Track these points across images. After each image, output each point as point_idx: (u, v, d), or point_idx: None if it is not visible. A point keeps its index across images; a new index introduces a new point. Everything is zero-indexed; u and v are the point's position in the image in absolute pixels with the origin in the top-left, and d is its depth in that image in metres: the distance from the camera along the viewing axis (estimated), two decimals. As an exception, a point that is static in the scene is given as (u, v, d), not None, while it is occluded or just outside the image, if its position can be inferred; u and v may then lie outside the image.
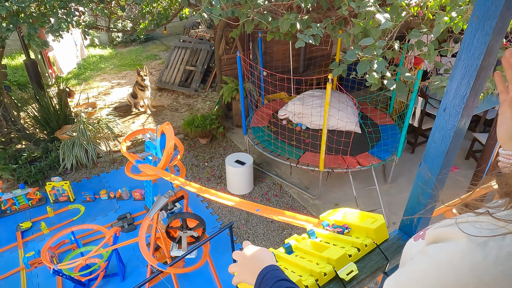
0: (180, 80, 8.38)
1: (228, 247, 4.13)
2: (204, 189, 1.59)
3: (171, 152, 2.11)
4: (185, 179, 1.89)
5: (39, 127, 6.15)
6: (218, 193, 1.46)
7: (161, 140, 2.26)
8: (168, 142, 2.10)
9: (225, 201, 1.38)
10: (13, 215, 4.67)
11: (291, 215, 1.17)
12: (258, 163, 5.62)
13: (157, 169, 2.14)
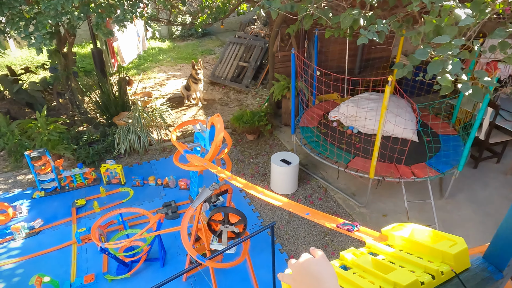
0: (232, 75, 8.46)
1: (267, 246, 4.06)
2: (251, 185, 1.53)
3: (219, 145, 2.08)
4: (231, 174, 1.85)
5: (100, 112, 6.54)
6: (265, 191, 1.39)
7: (210, 132, 2.24)
8: (218, 134, 2.07)
9: (272, 200, 1.31)
10: (70, 191, 5.01)
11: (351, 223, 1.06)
12: (303, 164, 5.49)
13: (204, 161, 2.12)
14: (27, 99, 6.74)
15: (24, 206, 4.65)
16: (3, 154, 5.86)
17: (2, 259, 3.95)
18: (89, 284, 3.63)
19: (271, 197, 1.35)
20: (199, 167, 2.29)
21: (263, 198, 1.39)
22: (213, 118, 2.14)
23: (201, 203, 2.52)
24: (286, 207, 1.25)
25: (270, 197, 1.36)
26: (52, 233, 4.29)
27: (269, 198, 1.35)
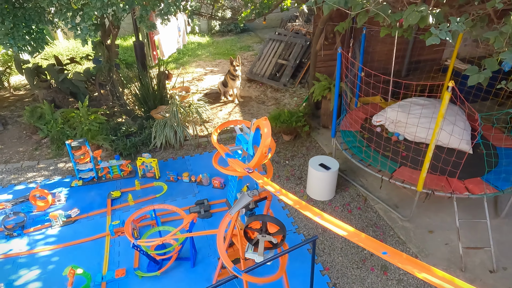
0: (270, 73, 8.27)
1: (300, 254, 3.85)
2: (304, 205, 1.34)
3: (265, 152, 1.91)
4: (279, 187, 1.67)
5: (138, 105, 6.60)
6: (324, 215, 1.19)
7: (254, 136, 2.07)
8: (264, 140, 1.90)
9: (332, 226, 1.10)
10: (107, 182, 5.06)
11: (448, 279, 0.83)
12: (342, 169, 5.20)
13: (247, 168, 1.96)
14: (71, 88, 6.94)
15: (63, 194, 4.74)
16: (47, 141, 6.05)
17: (40, 245, 4.03)
18: (120, 278, 3.61)
19: (332, 223, 1.15)
20: (240, 173, 2.14)
21: (320, 223, 1.19)
22: (260, 121, 1.97)
23: (239, 210, 2.37)
24: (352, 239, 1.05)
25: (331, 222, 1.16)
26: (87, 223, 4.34)
27: (329, 224, 1.15)
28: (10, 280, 3.60)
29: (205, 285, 3.55)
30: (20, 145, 6.05)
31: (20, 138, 6.23)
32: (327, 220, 1.18)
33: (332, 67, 6.28)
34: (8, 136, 6.30)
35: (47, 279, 3.63)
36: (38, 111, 6.11)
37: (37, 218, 4.40)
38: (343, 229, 1.10)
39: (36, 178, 5.20)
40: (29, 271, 3.72)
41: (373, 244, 0.98)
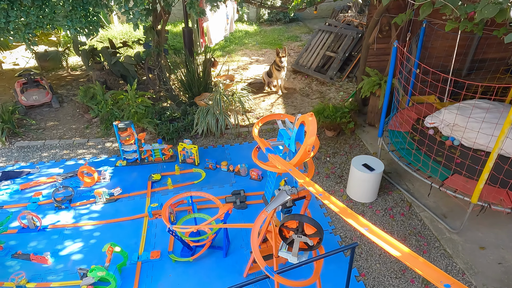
0: (317, 65, 8.01)
1: (340, 262, 3.70)
2: (350, 213, 1.21)
3: (309, 150, 1.79)
4: (323, 190, 1.55)
5: (183, 91, 6.70)
6: (371, 226, 1.06)
7: (298, 132, 1.96)
8: (309, 137, 1.78)
9: (382, 243, 0.96)
10: (148, 165, 5.21)
11: None
12: (387, 171, 4.92)
13: (289, 166, 1.85)
14: (122, 71, 7.20)
15: (108, 173, 4.95)
16: (97, 120, 6.35)
17: (84, 219, 4.25)
18: (155, 260, 3.70)
19: (382, 239, 1.01)
20: (280, 170, 2.04)
21: (367, 235, 1.06)
22: (305, 117, 1.85)
23: (275, 208, 2.28)
24: (406, 261, 0.90)
25: (380, 238, 1.02)
26: (128, 203, 4.49)
27: (378, 240, 1.02)
28: (56, 250, 3.83)
29: (235, 276, 3.53)
30: (73, 122, 6.40)
31: (74, 116, 6.60)
32: (376, 234, 1.04)
33: (384, 62, 5.92)
34: (63, 113, 6.70)
35: (88, 252, 3.81)
36: (90, 91, 6.41)
37: (83, 194, 4.64)
38: (395, 248, 0.96)
39: (85, 155, 5.48)
40: (73, 243, 3.93)
41: (433, 273, 0.83)
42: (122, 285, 3.44)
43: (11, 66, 8.88)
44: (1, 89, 7.55)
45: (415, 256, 0.92)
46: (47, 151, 5.59)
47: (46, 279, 3.52)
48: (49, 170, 5.13)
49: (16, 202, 4.52)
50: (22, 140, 5.81)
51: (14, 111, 6.09)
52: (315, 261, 2.39)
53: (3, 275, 3.54)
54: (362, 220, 1.15)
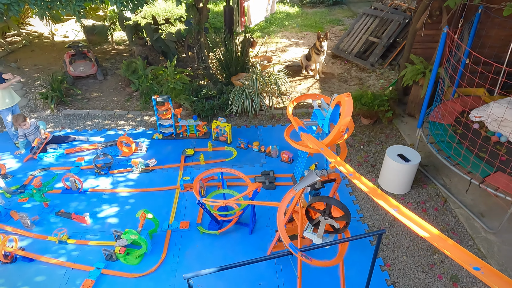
0: (358, 50, 7.73)
1: (364, 249, 3.66)
2: (380, 193, 1.19)
3: (342, 130, 1.76)
4: (353, 170, 1.53)
5: (221, 70, 6.76)
6: (401, 207, 1.03)
7: (333, 112, 1.93)
8: (344, 117, 1.74)
9: (412, 224, 0.94)
10: (183, 140, 5.36)
11: None
12: (423, 164, 4.73)
13: (321, 145, 1.84)
14: (163, 47, 7.37)
15: (144, 145, 5.16)
16: (137, 94, 6.59)
17: (120, 186, 4.49)
18: (184, 230, 3.86)
19: (412, 220, 0.99)
20: (312, 150, 2.03)
21: (397, 217, 1.04)
22: (341, 98, 1.81)
23: (304, 188, 2.28)
24: (436, 243, 0.87)
25: (410, 219, 1.00)
26: (161, 174, 4.68)
27: (408, 221, 1.00)
28: (94, 212, 4.10)
29: (259, 253, 3.61)
30: (115, 95, 6.69)
31: (116, 89, 6.88)
32: (406, 215, 1.02)
33: (430, 49, 5.60)
34: (106, 85, 7.01)
35: (123, 216, 4.05)
36: (133, 66, 6.63)
37: (121, 162, 4.89)
38: (425, 230, 0.94)
39: (124, 126, 5.74)
40: (110, 207, 4.18)
41: (463, 255, 0.81)
42: (152, 250, 3.63)
43: (62, 38, 9.35)
44: (52, 60, 8.00)
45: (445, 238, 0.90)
46: (91, 120, 5.91)
47: (84, 237, 3.79)
48: (91, 138, 5.44)
49: (61, 165, 4.85)
50: (69, 109, 6.17)
51: (63, 80, 6.45)
52: (340, 243, 2.39)
53: (48, 230, 3.86)
54: (392, 201, 1.13)
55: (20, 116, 4.85)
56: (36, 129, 5.04)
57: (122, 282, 3.34)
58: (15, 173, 4.70)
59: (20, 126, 4.88)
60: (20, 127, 4.90)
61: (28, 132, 4.99)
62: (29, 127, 4.95)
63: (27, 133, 4.99)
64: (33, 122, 5.05)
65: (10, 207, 4.13)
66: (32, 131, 5.02)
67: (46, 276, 3.40)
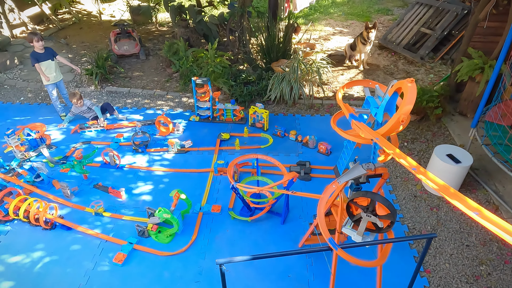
0: (407, 42, 7.27)
1: (404, 252, 3.45)
2: (453, 193, 1.03)
3: (403, 119, 1.58)
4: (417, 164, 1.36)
5: (261, 55, 6.61)
6: (484, 211, 0.87)
7: (390, 100, 1.74)
8: (405, 104, 1.56)
9: (502, 232, 0.78)
10: (219, 124, 5.32)
11: None
12: (473, 167, 4.37)
13: (376, 134, 1.67)
14: (204, 30, 7.32)
15: (181, 126, 5.17)
16: (177, 75, 6.63)
17: (156, 165, 4.53)
18: (215, 213, 3.83)
19: (499, 226, 0.82)
20: (362, 140, 1.86)
21: (478, 220, 0.87)
22: (403, 83, 1.62)
23: (347, 181, 2.12)
24: None
25: (496, 224, 0.83)
26: (196, 156, 4.67)
27: (493, 226, 0.83)
28: (130, 188, 4.17)
29: (290, 244, 3.50)
30: (155, 75, 6.77)
31: (157, 69, 6.96)
32: (489, 219, 0.85)
33: (492, 43, 5.12)
34: (148, 65, 7.10)
35: (157, 194, 4.08)
36: (174, 47, 6.65)
37: (158, 141, 4.94)
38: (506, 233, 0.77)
39: (163, 106, 5.79)
40: (145, 184, 4.23)
41: None
42: (183, 230, 3.63)
43: (109, 17, 9.60)
44: (98, 38, 8.23)
45: None
46: (131, 98, 6.02)
47: (119, 211, 3.87)
48: (131, 115, 5.53)
49: (101, 140, 4.98)
50: (112, 86, 6.32)
51: (108, 58, 6.60)
52: (384, 244, 2.22)
53: (85, 201, 3.97)
54: (472, 203, 0.96)
55: (76, 94, 5.04)
56: (89, 110, 5.21)
57: (152, 259, 3.37)
58: (59, 144, 4.89)
59: (75, 104, 5.06)
60: (74, 105, 5.08)
61: (80, 111, 5.17)
62: (82, 105, 5.12)
63: (79, 112, 5.17)
64: (88, 103, 5.20)
65: (53, 176, 4.29)
66: (84, 111, 5.19)
67: (81, 245, 3.51)
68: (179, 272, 3.25)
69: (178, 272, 3.26)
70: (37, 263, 3.34)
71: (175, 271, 3.26)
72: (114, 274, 3.24)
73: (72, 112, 5.19)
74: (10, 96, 6.02)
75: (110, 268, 3.29)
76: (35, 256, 3.39)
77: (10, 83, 6.36)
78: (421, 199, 4.02)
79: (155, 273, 3.25)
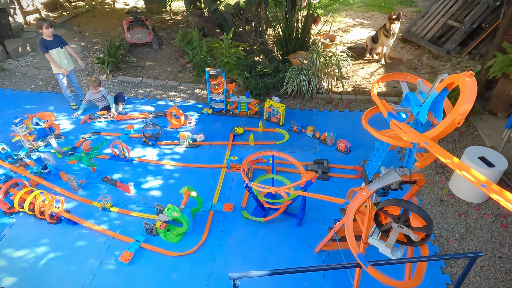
0: (433, 35, 6.87)
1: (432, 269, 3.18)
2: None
3: (459, 122, 1.33)
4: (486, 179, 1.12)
5: (278, 46, 6.33)
6: None
7: (437, 97, 1.49)
8: (464, 103, 1.31)
9: None
10: (233, 117, 5.09)
11: None
12: (506, 171, 4.04)
13: (424, 138, 1.42)
14: (219, 19, 7.07)
15: (194, 118, 4.97)
16: (190, 66, 6.41)
17: (166, 159, 4.35)
18: (227, 212, 3.63)
19: None
20: (401, 142, 1.60)
21: None
22: (458, 78, 1.36)
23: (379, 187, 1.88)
24: None
25: None
26: (208, 151, 4.47)
27: None
28: (139, 182, 4.00)
29: (306, 248, 3.28)
30: (168, 65, 6.57)
31: (170, 59, 6.76)
32: None
33: (530, 37, 4.73)
34: (161, 55, 6.91)
35: (166, 190, 3.90)
36: (188, 37, 6.43)
37: (169, 134, 4.75)
38: None
39: (175, 98, 5.59)
40: (154, 179, 4.06)
41: None
42: (193, 229, 3.44)
43: (122, 5, 9.42)
44: (111, 26, 8.07)
45: None
46: (143, 88, 5.84)
47: (127, 207, 3.70)
48: (142, 106, 5.35)
49: (111, 131, 4.82)
50: (123, 75, 6.15)
51: (120, 46, 6.43)
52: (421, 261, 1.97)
53: (93, 195, 3.82)
54: None
55: (97, 80, 4.88)
56: (103, 98, 5.04)
57: (160, 259, 3.19)
58: (68, 134, 4.75)
59: (93, 89, 4.88)
60: (91, 90, 4.91)
61: (94, 98, 5.00)
62: (97, 93, 4.95)
63: (93, 99, 5.01)
64: (104, 92, 5.03)
65: (60, 168, 4.15)
66: (98, 99, 5.03)
67: (87, 241, 3.36)
68: (187, 274, 3.07)
69: (187, 274, 3.07)
70: (41, 258, 3.20)
71: (184, 274, 3.08)
72: (119, 274, 3.08)
73: (86, 99, 5.02)
74: (21, 84, 5.92)
75: (116, 267, 3.13)
76: (39, 252, 3.26)
77: (22, 71, 6.25)
78: (448, 204, 3.74)
79: (163, 275, 3.07)
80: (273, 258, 3.21)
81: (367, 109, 5.35)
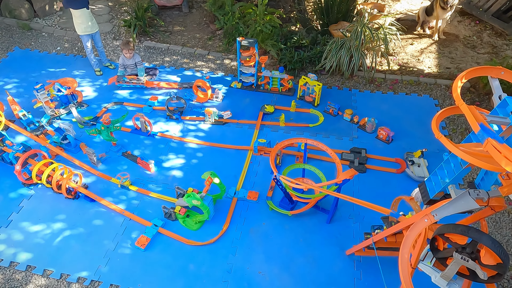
0: (498, 9, 5.96)
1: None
2: None
3: None
4: None
5: (317, 15, 5.72)
6: None
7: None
8: None
9: None
10: (263, 93, 4.68)
11: None
12: None
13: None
14: (255, -18, 6.45)
15: (221, 93, 4.61)
16: (220, 33, 5.96)
17: (190, 136, 4.07)
18: (251, 201, 3.35)
19: None
20: (490, 166, 1.18)
21: None
22: None
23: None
24: None
25: None
26: (235, 130, 4.14)
27: None
28: (160, 160, 3.77)
29: (335, 249, 2.98)
30: (197, 31, 6.14)
31: (199, 25, 6.31)
32: None
33: None
34: (190, 19, 6.46)
35: (188, 171, 3.66)
36: (220, 0, 5.91)
37: (194, 109, 4.44)
38: None
39: (203, 68, 5.22)
40: (176, 157, 3.81)
41: None
42: (214, 217, 3.21)
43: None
44: (141, -15, 7.62)
45: None
46: (170, 56, 5.49)
47: (147, 186, 3.50)
48: (168, 76, 5.04)
49: (134, 101, 4.57)
50: (150, 40, 5.80)
51: (148, 9, 6.03)
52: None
53: (112, 170, 3.64)
54: None
55: (130, 43, 4.51)
56: (134, 66, 4.70)
57: (178, 247, 3.00)
58: (91, 102, 4.55)
59: (127, 52, 4.49)
60: (124, 53, 4.53)
61: (127, 64, 4.66)
62: (130, 58, 4.59)
63: (126, 64, 4.67)
64: (137, 59, 4.67)
65: (81, 139, 3.98)
66: (131, 65, 4.69)
67: (104, 221, 3.21)
68: (205, 267, 2.87)
69: (205, 267, 2.87)
70: (57, 235, 3.09)
71: (202, 265, 2.88)
72: (135, 259, 2.93)
73: (120, 64, 4.65)
74: (47, 45, 5.73)
75: (132, 252, 2.98)
76: (56, 228, 3.14)
77: (48, 31, 6.05)
78: (503, 212, 3.26)
79: (180, 264, 2.89)
80: (299, 257, 2.93)
81: (414, 92, 4.77)
